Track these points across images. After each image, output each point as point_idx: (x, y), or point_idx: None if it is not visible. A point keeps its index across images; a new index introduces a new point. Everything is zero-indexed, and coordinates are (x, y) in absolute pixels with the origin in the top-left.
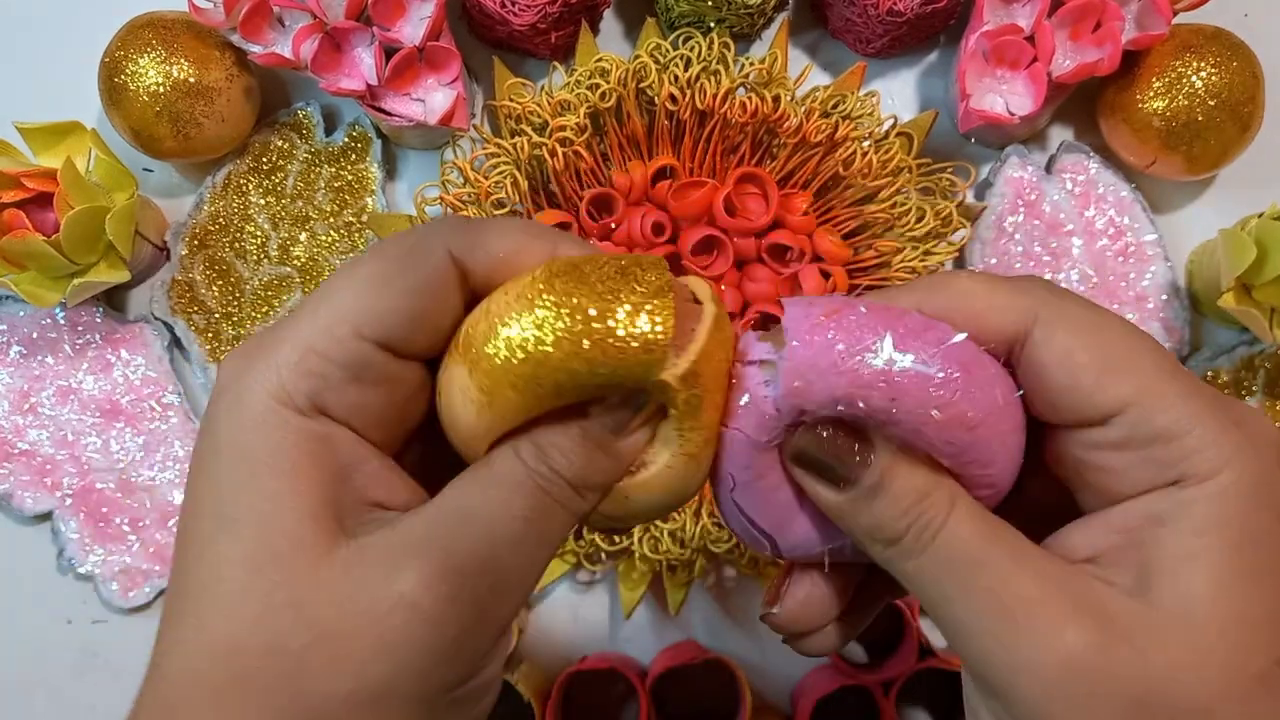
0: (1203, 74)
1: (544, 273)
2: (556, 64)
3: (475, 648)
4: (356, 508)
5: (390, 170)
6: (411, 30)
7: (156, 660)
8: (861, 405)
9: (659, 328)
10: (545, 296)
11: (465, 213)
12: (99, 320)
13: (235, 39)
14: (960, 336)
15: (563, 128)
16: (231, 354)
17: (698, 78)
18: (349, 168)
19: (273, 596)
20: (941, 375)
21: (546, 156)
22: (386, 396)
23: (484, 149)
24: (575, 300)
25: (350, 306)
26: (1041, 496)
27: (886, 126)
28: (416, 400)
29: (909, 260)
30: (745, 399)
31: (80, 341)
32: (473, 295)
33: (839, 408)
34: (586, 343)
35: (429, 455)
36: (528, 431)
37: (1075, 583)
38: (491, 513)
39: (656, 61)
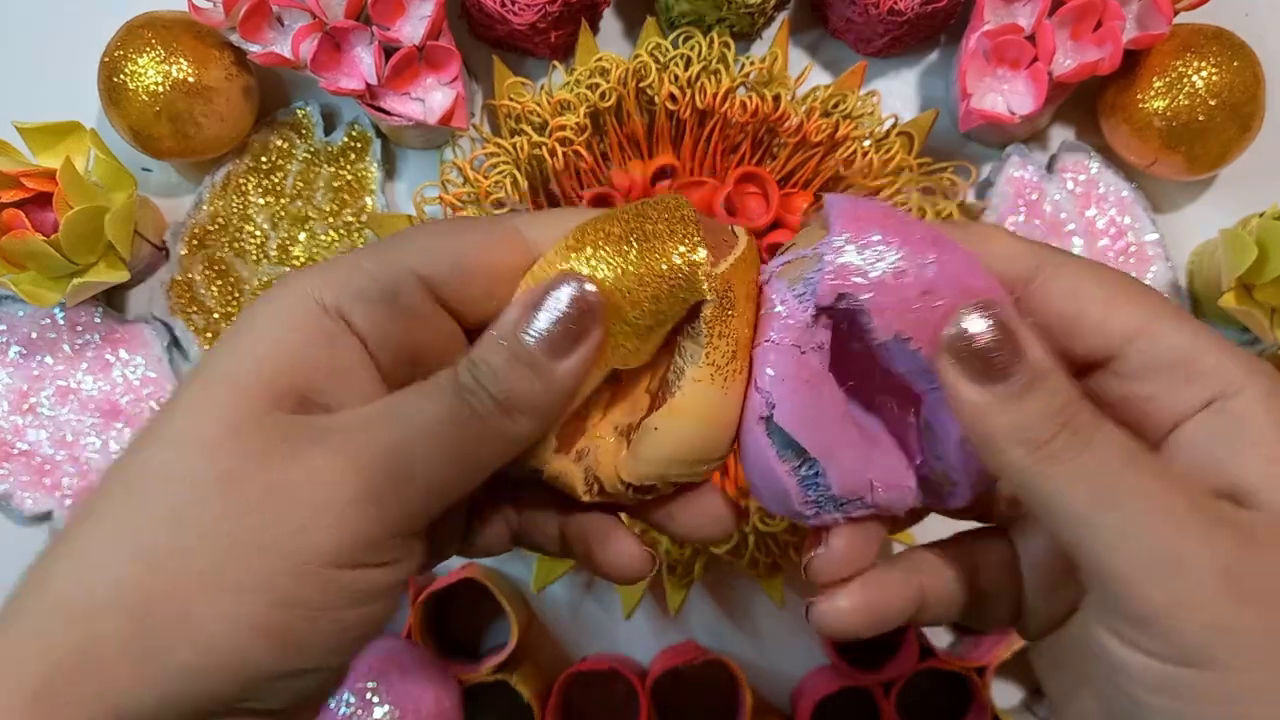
0: (1204, 74)
1: (577, 230)
2: (556, 63)
3: (357, 530)
4: (317, 402)
5: (390, 170)
6: (411, 29)
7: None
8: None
9: (699, 250)
10: (584, 249)
11: (465, 213)
12: (98, 320)
13: (234, 38)
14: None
15: (563, 127)
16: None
17: (698, 77)
18: (348, 167)
19: (217, 454)
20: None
21: (546, 156)
22: (407, 331)
23: (484, 148)
24: (612, 245)
25: (408, 242)
26: None
27: (887, 126)
28: (436, 349)
29: None
30: (778, 306)
31: (79, 341)
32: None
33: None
34: (635, 280)
35: None
36: (474, 346)
37: (1212, 500)
38: (412, 414)
39: (656, 61)
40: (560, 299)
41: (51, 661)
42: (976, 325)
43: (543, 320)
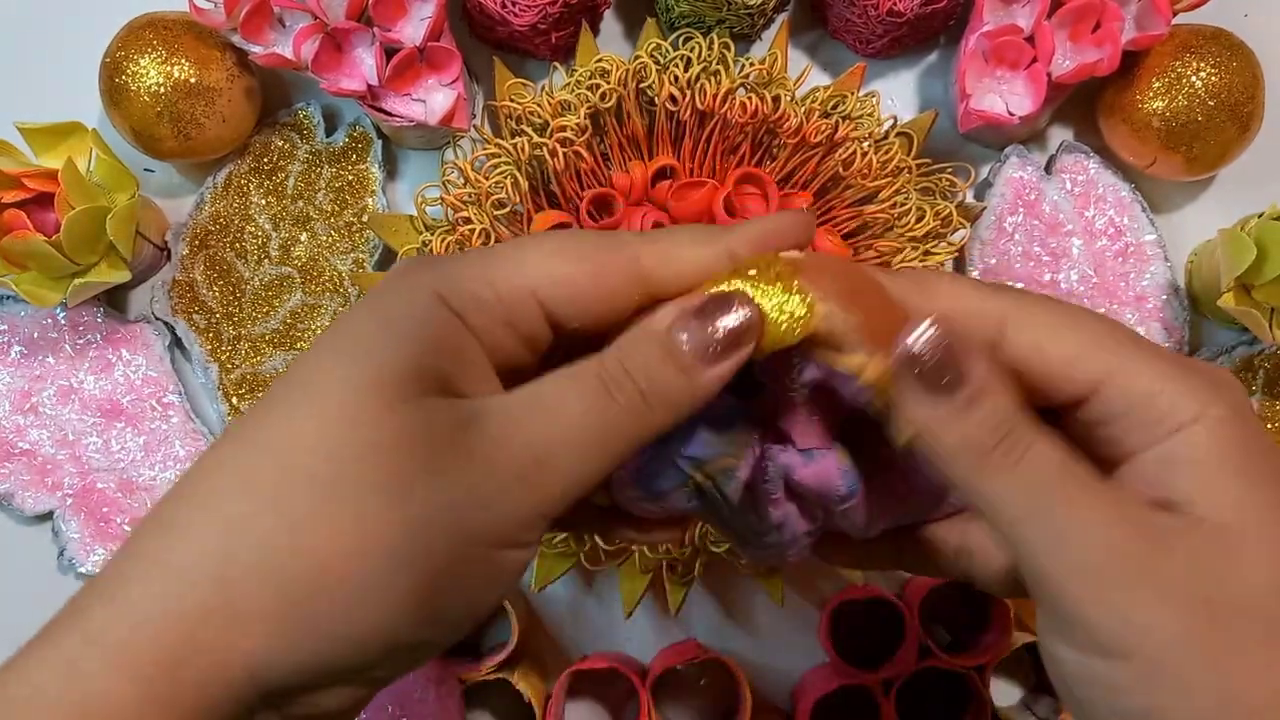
0: (1202, 74)
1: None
2: (557, 64)
3: (519, 513)
4: (452, 388)
5: (391, 170)
6: (412, 30)
7: (233, 443)
8: None
9: (801, 310)
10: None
11: (465, 213)
12: (100, 320)
13: (236, 39)
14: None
15: (563, 128)
16: (415, 258)
17: (698, 78)
18: (350, 168)
19: (366, 412)
20: None
21: (547, 157)
22: (518, 348)
23: (484, 149)
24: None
25: (536, 264)
26: None
27: (886, 127)
28: (532, 367)
29: (909, 260)
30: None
31: (81, 341)
32: (651, 298)
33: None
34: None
35: None
36: (611, 346)
37: (1143, 507)
38: (558, 404)
39: (656, 62)
40: (728, 312)
41: (188, 621)
42: (920, 343)
43: (702, 327)
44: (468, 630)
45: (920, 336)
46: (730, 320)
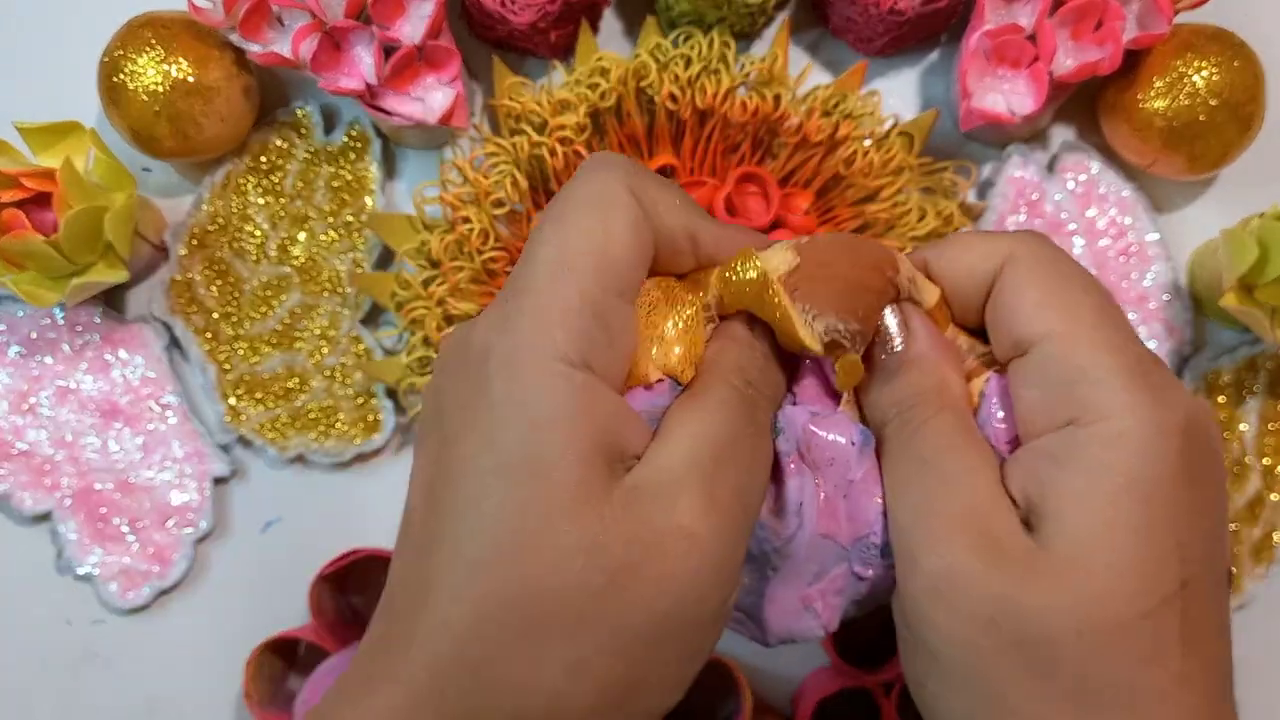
0: (1204, 73)
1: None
2: (556, 63)
3: (735, 567)
4: (619, 454)
5: (390, 169)
6: (411, 29)
7: (428, 601)
8: None
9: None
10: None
11: (464, 213)
12: (98, 320)
13: (234, 38)
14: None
15: (563, 127)
16: (474, 325)
17: (698, 77)
18: (348, 167)
19: (563, 539)
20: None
21: (546, 156)
22: (624, 346)
23: (484, 148)
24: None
25: (597, 265)
26: None
27: (888, 126)
28: (631, 351)
29: None
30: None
31: (79, 341)
32: (698, 265)
33: None
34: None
35: None
36: (717, 366)
37: (995, 512)
38: (731, 432)
39: (657, 60)
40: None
41: None
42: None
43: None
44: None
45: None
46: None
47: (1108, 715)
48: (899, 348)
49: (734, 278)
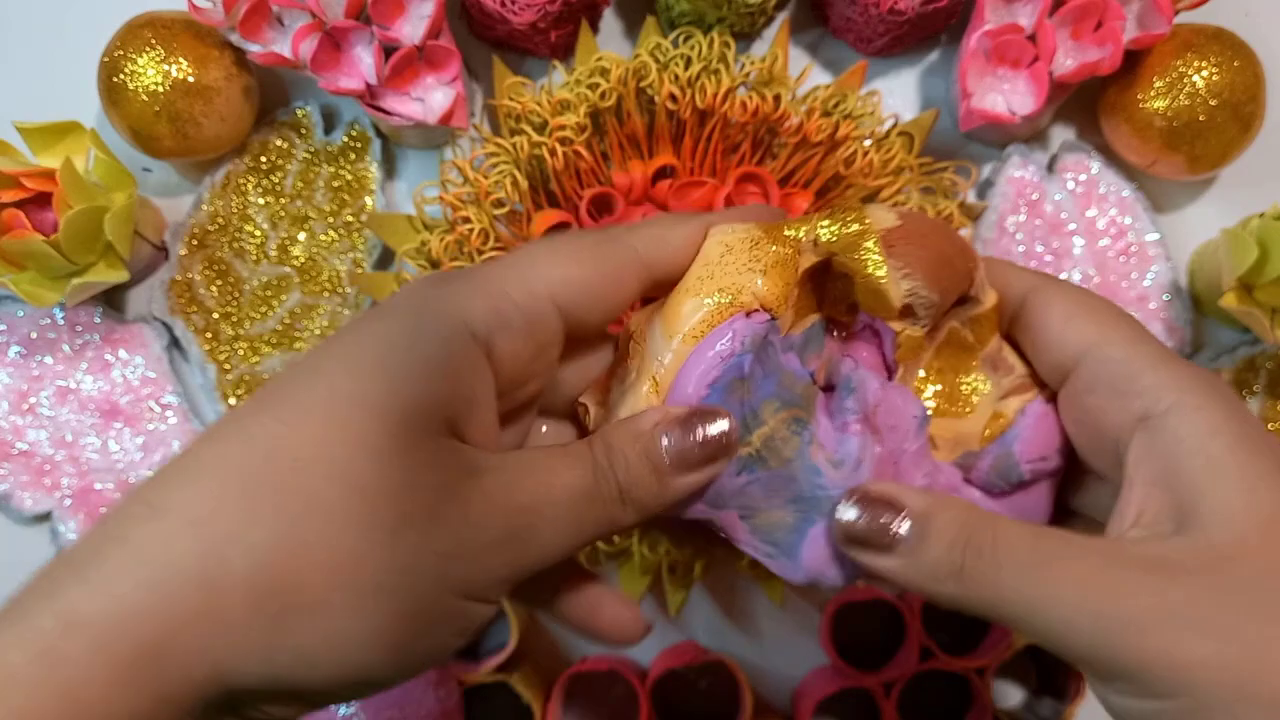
0: (1204, 73)
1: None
2: (556, 63)
3: (493, 571)
4: (457, 432)
5: (389, 169)
6: (411, 29)
7: (201, 446)
8: None
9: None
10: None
11: (464, 213)
12: (98, 320)
13: (234, 38)
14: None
15: (563, 127)
16: (425, 276)
17: (698, 77)
18: (348, 167)
19: (373, 438)
20: None
21: (546, 156)
22: (535, 355)
23: (484, 148)
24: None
25: (548, 271)
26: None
27: (887, 126)
28: (544, 374)
29: None
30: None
31: (79, 342)
32: (653, 284)
33: None
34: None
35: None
36: (600, 431)
37: (1125, 548)
38: (551, 479)
39: (657, 60)
40: (707, 430)
41: (172, 621)
42: (849, 514)
43: (682, 439)
44: (421, 672)
45: (843, 508)
46: (712, 429)
47: None
48: (904, 519)
49: (838, 227)
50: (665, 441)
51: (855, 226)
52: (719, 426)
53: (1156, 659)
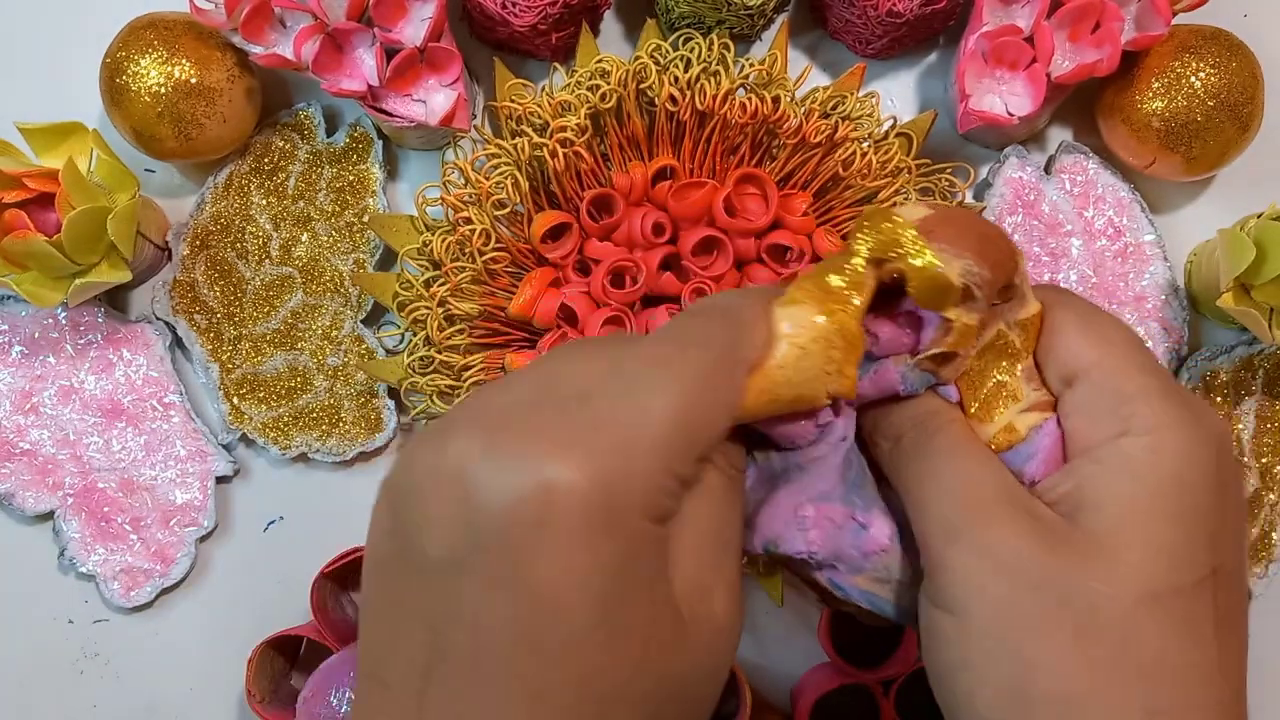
0: (1202, 74)
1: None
2: (557, 65)
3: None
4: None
5: (391, 171)
6: (412, 31)
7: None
8: None
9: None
10: None
11: (466, 213)
12: (100, 320)
13: (237, 40)
14: None
15: (563, 128)
16: (549, 448)
17: (698, 79)
18: (350, 168)
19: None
20: None
21: (547, 157)
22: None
23: (485, 150)
24: None
25: (683, 420)
26: None
27: (886, 127)
28: None
29: None
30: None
31: (82, 341)
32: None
33: None
34: None
35: None
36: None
37: (1029, 496)
38: (735, 517)
39: (656, 62)
40: None
41: None
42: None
43: None
44: None
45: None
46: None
47: (1152, 685)
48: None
49: (871, 232)
50: None
51: (887, 225)
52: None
53: (962, 567)
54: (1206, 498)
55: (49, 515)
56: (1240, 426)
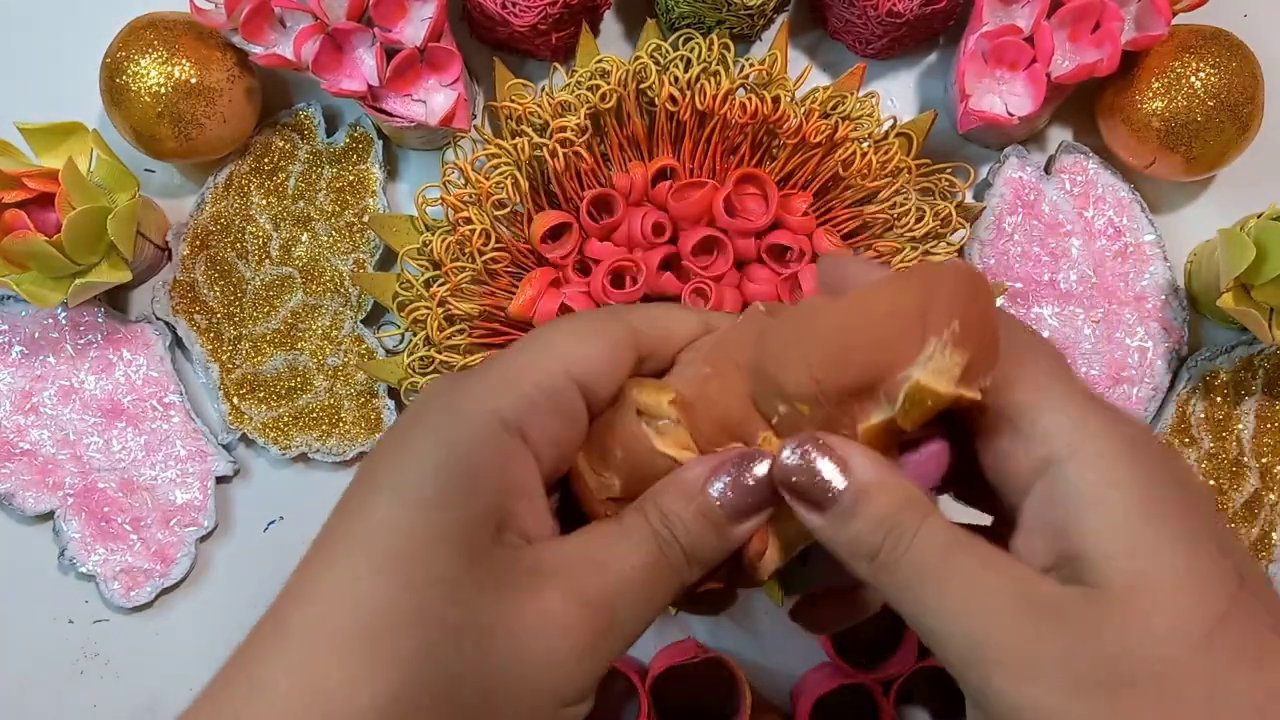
0: (1202, 74)
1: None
2: (557, 65)
3: (585, 672)
4: (511, 526)
5: (391, 171)
6: (412, 31)
7: (289, 608)
8: None
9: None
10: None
11: (465, 213)
12: (100, 320)
13: (236, 40)
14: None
15: (563, 128)
16: (445, 377)
17: (698, 79)
18: (350, 168)
19: (434, 569)
20: None
21: (547, 157)
22: (567, 430)
23: (485, 150)
24: None
25: (563, 349)
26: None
27: (886, 127)
28: (573, 443)
29: (908, 260)
30: None
31: (82, 341)
32: (639, 360)
33: None
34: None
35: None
36: (649, 499)
37: (1032, 582)
38: (617, 561)
39: (656, 62)
40: (755, 473)
41: None
42: (792, 459)
43: (733, 490)
44: None
45: (786, 452)
46: (758, 470)
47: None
48: (843, 485)
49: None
50: (716, 496)
51: (927, 402)
52: (763, 468)
53: (1012, 696)
54: (1183, 501)
55: (49, 515)
56: (1240, 426)
